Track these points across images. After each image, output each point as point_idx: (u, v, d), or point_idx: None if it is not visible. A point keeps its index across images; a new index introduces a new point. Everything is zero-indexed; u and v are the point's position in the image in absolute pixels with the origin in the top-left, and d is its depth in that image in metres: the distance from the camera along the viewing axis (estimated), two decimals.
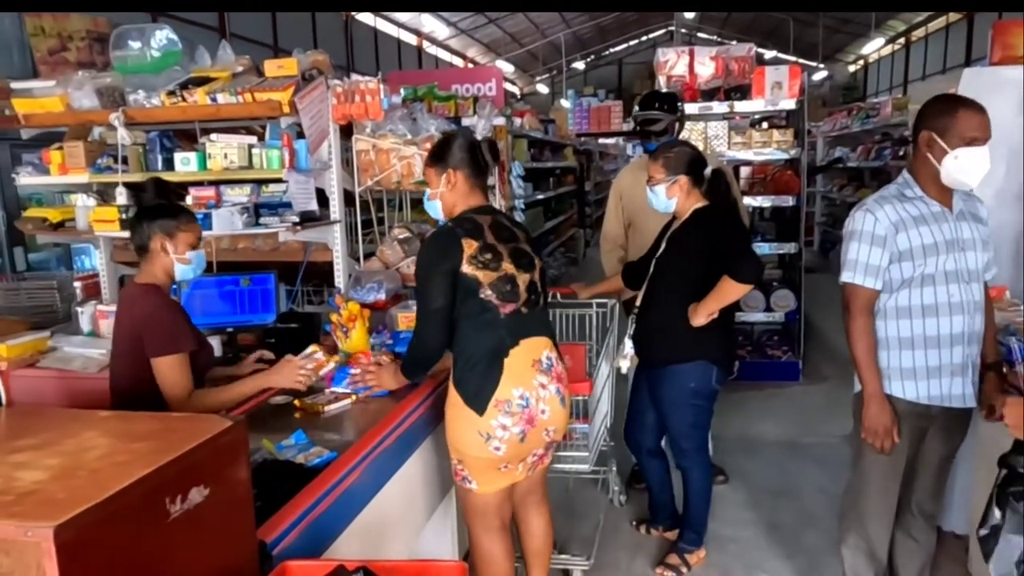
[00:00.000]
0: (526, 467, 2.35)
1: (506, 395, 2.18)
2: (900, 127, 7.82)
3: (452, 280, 2.18)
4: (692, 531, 3.02)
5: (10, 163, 6.07)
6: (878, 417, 2.20)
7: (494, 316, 2.20)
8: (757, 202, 5.20)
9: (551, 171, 9.03)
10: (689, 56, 5.24)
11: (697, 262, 2.72)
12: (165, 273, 2.29)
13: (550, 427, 2.29)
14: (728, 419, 4.44)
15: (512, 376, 2.19)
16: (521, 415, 2.20)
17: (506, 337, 2.21)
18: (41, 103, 3.00)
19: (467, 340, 2.22)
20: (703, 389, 2.82)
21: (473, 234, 2.21)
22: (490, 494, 2.32)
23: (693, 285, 2.73)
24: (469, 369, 2.21)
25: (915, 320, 2.20)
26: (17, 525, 0.99)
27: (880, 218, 2.16)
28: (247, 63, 3.09)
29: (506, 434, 2.20)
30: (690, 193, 2.79)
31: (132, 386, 2.21)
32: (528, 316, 2.26)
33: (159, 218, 2.27)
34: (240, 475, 1.37)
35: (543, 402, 2.24)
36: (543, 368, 2.26)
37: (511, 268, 2.23)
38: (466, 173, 2.30)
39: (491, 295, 2.19)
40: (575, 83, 23.85)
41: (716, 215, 2.77)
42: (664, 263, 2.84)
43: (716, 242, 2.68)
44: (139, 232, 2.26)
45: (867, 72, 24.97)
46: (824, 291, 8.30)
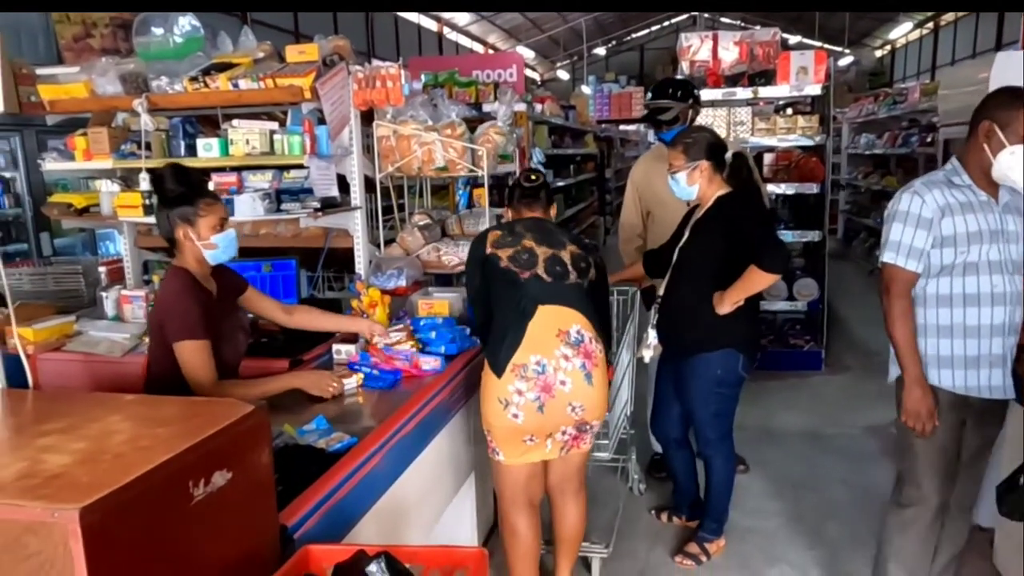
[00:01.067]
0: (556, 445, 2.37)
1: (523, 360, 2.27)
2: (928, 113, 7.67)
3: (481, 265, 2.44)
4: (713, 520, 3.01)
5: (36, 149, 6.15)
6: (922, 400, 2.17)
7: (514, 280, 2.37)
8: (780, 189, 5.13)
9: (571, 158, 8.98)
10: (713, 41, 5.17)
11: (722, 250, 2.69)
12: (195, 260, 2.25)
13: (575, 402, 2.31)
14: (749, 409, 4.40)
15: (531, 342, 2.29)
16: (536, 381, 2.26)
17: (524, 298, 2.33)
18: (66, 89, 3.02)
19: (496, 308, 2.40)
20: (729, 377, 2.80)
21: (500, 228, 2.51)
22: (517, 467, 2.38)
23: (718, 273, 2.70)
24: (496, 335, 2.35)
25: (955, 309, 2.16)
26: (44, 507, 1.00)
27: (928, 201, 2.12)
28: (268, 49, 3.09)
29: (522, 400, 2.26)
30: (712, 179, 2.75)
31: (163, 371, 2.21)
32: (552, 285, 2.37)
33: (177, 206, 2.22)
34: (262, 460, 1.38)
35: (563, 372, 2.28)
36: (570, 341, 2.31)
37: (530, 243, 2.43)
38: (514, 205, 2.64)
39: (510, 264, 2.39)
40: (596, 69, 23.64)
41: (740, 202, 2.73)
42: (688, 252, 2.81)
43: (741, 230, 2.65)
44: (162, 224, 2.24)
45: (894, 57, 24.50)
46: (848, 280, 8.25)
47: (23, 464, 1.13)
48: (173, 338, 2.15)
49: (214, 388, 2.15)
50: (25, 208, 6.35)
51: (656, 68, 23.45)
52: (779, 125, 5.10)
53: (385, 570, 1.18)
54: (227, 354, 2.30)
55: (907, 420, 2.20)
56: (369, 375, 2.46)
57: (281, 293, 3.12)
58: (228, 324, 2.35)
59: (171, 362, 2.17)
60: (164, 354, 2.18)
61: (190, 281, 2.23)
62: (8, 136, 6.18)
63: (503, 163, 3.75)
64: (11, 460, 1.16)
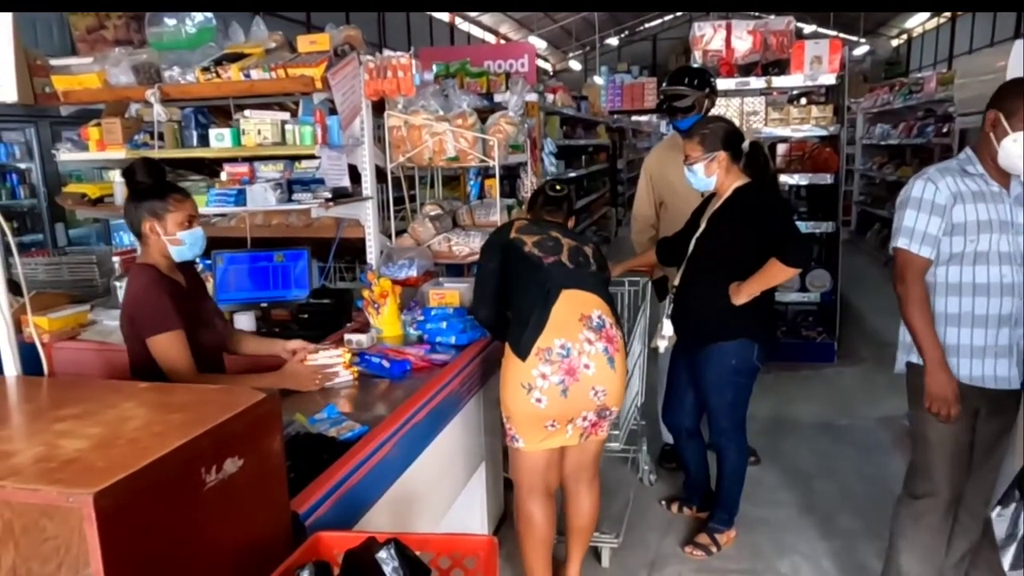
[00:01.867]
0: (577, 431, 2.38)
1: (547, 343, 2.28)
2: (944, 103, 7.60)
3: (503, 251, 2.44)
4: (724, 511, 3.01)
5: (51, 140, 6.20)
6: (947, 384, 2.14)
7: (538, 265, 2.39)
8: (794, 180, 5.10)
9: (583, 149, 8.95)
10: (726, 30, 5.12)
11: (740, 242, 2.68)
12: (162, 255, 2.23)
13: (598, 386, 2.32)
14: (761, 400, 4.38)
15: (555, 326, 2.30)
16: (560, 364, 2.27)
17: (547, 282, 2.35)
18: (79, 80, 3.04)
19: (517, 293, 2.41)
20: (744, 367, 2.80)
21: (526, 219, 2.54)
22: (537, 454, 2.38)
23: (735, 265, 2.69)
24: (518, 319, 2.37)
25: (964, 297, 2.16)
26: (60, 491, 1.01)
27: (941, 188, 2.13)
28: (280, 39, 3.09)
29: (546, 383, 2.27)
30: (729, 169, 2.73)
31: (142, 366, 2.19)
32: (575, 271, 2.40)
33: (146, 200, 2.19)
34: (274, 447, 1.39)
35: (587, 356, 2.30)
36: (592, 325, 2.33)
37: (556, 234, 2.47)
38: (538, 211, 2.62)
39: (534, 250, 2.41)
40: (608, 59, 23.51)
41: (760, 193, 2.72)
42: (706, 242, 2.79)
43: (761, 222, 2.64)
44: (130, 216, 2.21)
45: (910, 46, 24.19)
46: (861, 271, 8.18)
47: (40, 449, 1.14)
48: (146, 333, 2.12)
49: (195, 380, 2.11)
50: (40, 199, 6.41)
51: (669, 58, 23.29)
52: (793, 115, 5.06)
53: (395, 556, 1.19)
54: (207, 340, 2.28)
55: (931, 405, 2.17)
56: (378, 365, 2.47)
57: (293, 283, 3.14)
58: (203, 309, 2.34)
59: (148, 357, 2.15)
60: (141, 349, 2.16)
61: (156, 275, 2.20)
62: (23, 127, 6.24)
63: (514, 153, 3.74)
64: (28, 445, 1.18)
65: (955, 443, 2.24)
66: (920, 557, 2.35)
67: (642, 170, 3.71)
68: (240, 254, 3.13)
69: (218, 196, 2.93)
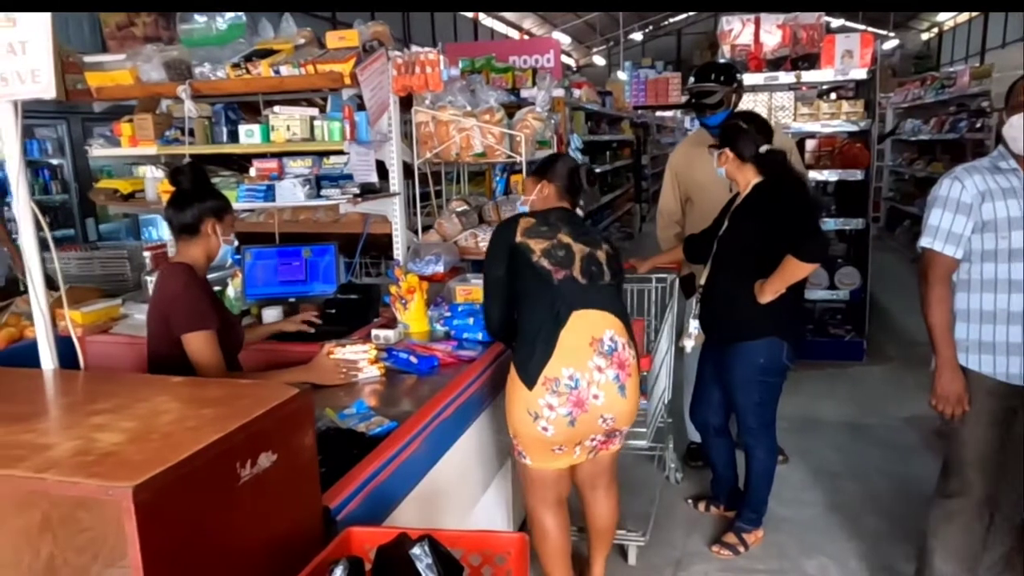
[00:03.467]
0: (585, 450, 2.33)
1: (555, 373, 2.16)
2: (978, 97, 7.45)
3: (509, 253, 2.26)
4: (751, 510, 2.98)
5: (82, 137, 6.29)
6: (950, 384, 2.18)
7: (547, 281, 2.21)
8: (823, 176, 5.03)
9: (608, 144, 8.90)
10: (755, 25, 5.06)
11: (758, 239, 2.66)
12: (206, 255, 2.29)
13: (607, 414, 2.23)
14: (788, 398, 4.29)
15: (564, 353, 2.17)
16: (568, 396, 2.17)
17: (559, 304, 2.19)
18: (112, 76, 3.07)
19: (525, 310, 2.26)
20: (773, 366, 2.76)
21: (535, 216, 2.33)
22: (545, 470, 2.33)
23: (757, 262, 2.66)
24: (525, 339, 2.24)
25: (999, 294, 2.14)
26: (99, 484, 1.02)
27: (967, 186, 2.11)
28: (309, 35, 3.10)
29: (553, 415, 2.17)
30: (741, 167, 2.73)
31: (163, 362, 2.22)
32: (587, 287, 2.23)
33: (208, 199, 2.27)
34: (306, 442, 1.40)
35: (596, 386, 2.18)
36: (603, 350, 2.20)
37: (567, 238, 2.27)
38: (559, 187, 2.44)
39: (544, 261, 2.22)
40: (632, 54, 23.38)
41: (777, 190, 2.68)
42: (727, 241, 2.78)
43: (777, 218, 2.61)
44: (188, 213, 2.25)
45: (941, 40, 23.76)
46: (891, 269, 8.06)
47: (77, 442, 1.16)
48: (181, 330, 2.16)
49: (224, 378, 2.16)
50: (71, 194, 6.51)
51: (694, 53, 23.10)
52: (823, 110, 4.99)
53: (429, 553, 1.19)
54: (230, 341, 2.33)
55: (936, 404, 2.21)
56: (405, 361, 2.47)
57: (320, 279, 3.15)
58: (227, 310, 2.42)
59: (174, 357, 2.18)
60: (168, 349, 2.19)
61: (194, 274, 2.25)
62: (55, 123, 6.33)
63: (541, 149, 3.72)
64: (66, 438, 1.19)
65: (987, 442, 2.21)
66: (953, 557, 2.32)
67: (667, 166, 3.69)
68: (268, 249, 3.14)
69: (248, 192, 2.95)
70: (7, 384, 1.56)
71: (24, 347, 2.78)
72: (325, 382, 2.32)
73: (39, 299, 1.69)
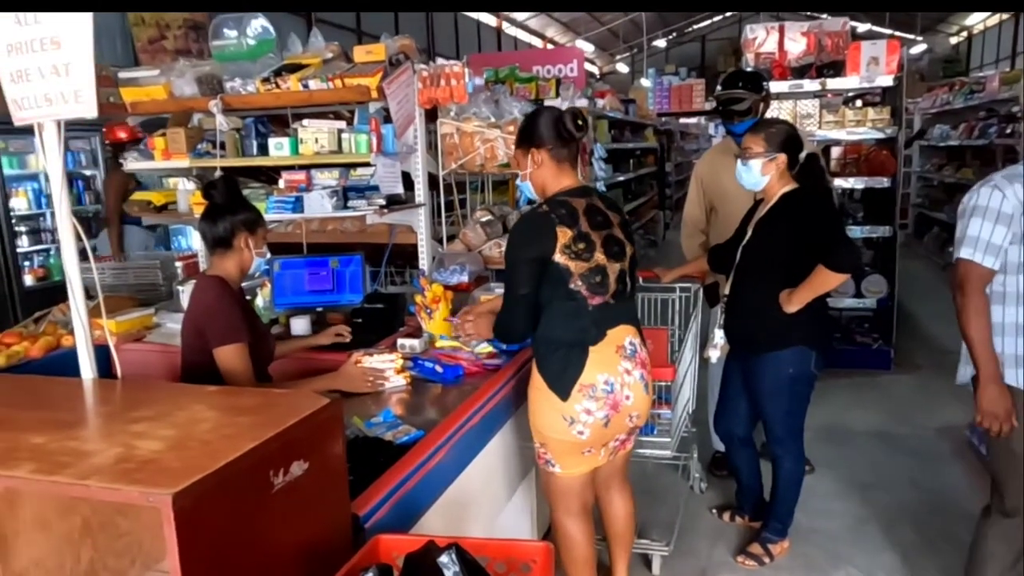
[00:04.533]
0: (608, 452, 2.35)
1: (591, 380, 2.18)
2: (1008, 103, 7.35)
3: (542, 268, 2.16)
4: (778, 521, 2.97)
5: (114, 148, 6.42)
6: (997, 400, 2.10)
7: (582, 306, 2.18)
8: (849, 183, 5.00)
9: (631, 152, 8.92)
10: (779, 32, 5.05)
11: (787, 248, 2.65)
12: (238, 268, 2.34)
13: (634, 412, 2.29)
14: (814, 407, 4.23)
15: (597, 362, 2.19)
16: (606, 400, 2.20)
17: (592, 329, 2.19)
18: (146, 91, 3.15)
19: (552, 326, 2.21)
20: (801, 375, 2.75)
21: (567, 221, 2.15)
22: (573, 477, 2.34)
23: (784, 272, 2.66)
24: (552, 353, 2.21)
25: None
26: (141, 491, 1.06)
27: (1008, 196, 2.05)
28: (336, 49, 3.17)
29: (590, 418, 2.20)
30: (783, 174, 2.70)
31: (196, 373, 2.27)
32: (616, 307, 2.24)
33: (242, 212, 2.33)
34: (336, 450, 1.43)
35: (627, 387, 2.23)
36: (627, 354, 2.25)
37: (603, 258, 2.19)
38: (550, 149, 2.23)
39: (581, 286, 2.16)
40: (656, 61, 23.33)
41: (806, 199, 2.68)
42: (752, 250, 2.77)
43: (807, 228, 2.60)
44: (221, 226, 2.29)
45: (971, 44, 23.41)
46: (919, 276, 7.97)
47: (119, 449, 1.20)
48: (215, 343, 2.20)
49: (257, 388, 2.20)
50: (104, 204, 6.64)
51: (718, 59, 23.01)
52: (848, 118, 4.96)
53: (456, 561, 1.21)
54: (261, 353, 2.38)
55: (982, 421, 2.13)
56: (431, 370, 2.51)
57: (347, 288, 3.20)
58: (259, 323, 2.46)
59: (208, 367, 2.22)
60: (202, 359, 2.24)
61: (228, 287, 2.31)
62: (89, 135, 6.48)
63: None
64: (108, 445, 1.23)
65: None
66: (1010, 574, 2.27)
67: (693, 174, 3.69)
68: (296, 259, 3.20)
69: (277, 203, 3.01)
70: (50, 393, 1.61)
71: (61, 355, 2.86)
72: (353, 390, 2.36)
73: (79, 310, 1.75)
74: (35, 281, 6.09)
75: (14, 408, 1.47)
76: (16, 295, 5.73)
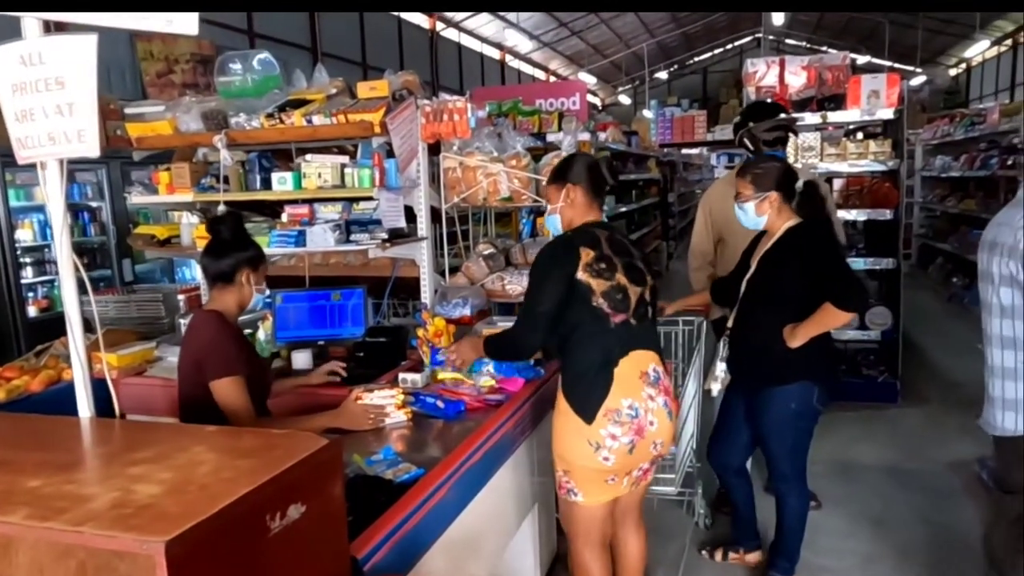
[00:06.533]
0: (631, 481, 2.35)
1: (616, 404, 2.21)
2: (1009, 134, 7.38)
3: (566, 286, 2.22)
4: (785, 559, 2.91)
5: (120, 180, 6.48)
6: None
7: (604, 325, 2.24)
8: (852, 215, 4.99)
9: (634, 183, 8.95)
10: (780, 66, 5.09)
11: (792, 284, 2.63)
12: (238, 303, 2.35)
13: (658, 440, 2.30)
14: (821, 441, 4.20)
15: (621, 386, 2.22)
16: (631, 425, 2.22)
17: (615, 347, 2.24)
18: (152, 127, 3.18)
19: (577, 348, 2.26)
20: (805, 411, 2.72)
21: (590, 244, 2.25)
22: (595, 507, 2.34)
23: (789, 306, 2.65)
24: (578, 376, 2.26)
25: None
26: (135, 538, 1.04)
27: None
28: (341, 85, 3.20)
29: (615, 444, 2.22)
30: (781, 209, 2.70)
31: (194, 408, 2.26)
32: (637, 328, 2.29)
33: (246, 250, 2.34)
34: (335, 492, 1.41)
35: (652, 413, 2.26)
36: (650, 381, 2.28)
37: (624, 280, 2.27)
38: (584, 189, 2.38)
39: (603, 303, 2.23)
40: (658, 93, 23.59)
41: (811, 234, 2.66)
42: (757, 284, 2.75)
43: (813, 264, 2.59)
44: (224, 262, 2.31)
45: (970, 76, 23.64)
46: (924, 307, 7.93)
47: (116, 494, 1.18)
48: (212, 376, 2.20)
49: (254, 423, 2.18)
50: (109, 236, 6.68)
51: (720, 91, 23.23)
52: (849, 150, 4.97)
53: None
54: (260, 387, 2.37)
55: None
56: (432, 405, 2.49)
57: (349, 321, 3.20)
58: (256, 357, 2.46)
59: (206, 401, 2.21)
60: (199, 393, 2.23)
61: (226, 321, 2.31)
62: (95, 168, 6.53)
63: None
64: (105, 489, 1.21)
65: None
66: None
67: (700, 205, 3.68)
68: (299, 293, 3.20)
69: (280, 237, 3.02)
70: (49, 433, 1.59)
71: (62, 389, 2.84)
72: (354, 427, 2.33)
73: (78, 346, 1.74)
74: (38, 312, 6.09)
75: (12, 449, 1.46)
76: (20, 326, 5.74)
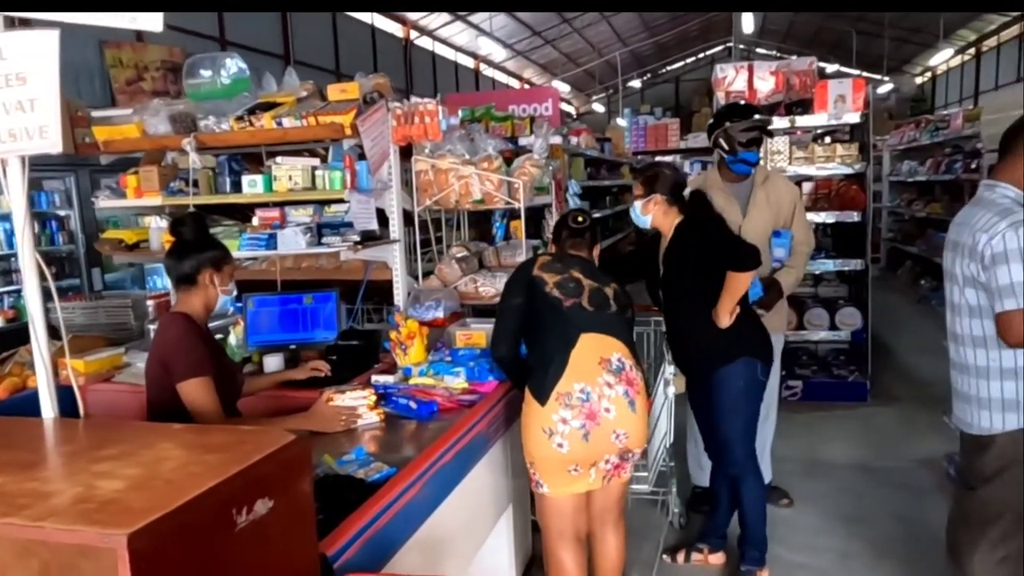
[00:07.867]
0: (600, 474, 2.37)
1: (567, 388, 2.28)
2: (971, 139, 7.55)
3: (525, 286, 2.46)
4: (755, 549, 2.95)
5: (90, 189, 6.39)
6: None
7: (558, 308, 2.40)
8: (820, 218, 5.07)
9: (607, 189, 9.02)
10: (748, 71, 5.17)
11: (695, 272, 2.80)
12: (204, 306, 2.32)
13: (619, 429, 2.32)
14: (792, 440, 4.30)
15: (575, 370, 2.31)
16: (581, 408, 2.27)
17: (569, 330, 2.36)
18: (119, 130, 3.14)
19: (538, 336, 2.42)
20: (753, 385, 2.85)
21: (549, 255, 2.59)
22: (562, 499, 2.37)
23: (701, 291, 2.80)
24: (539, 363, 2.38)
25: None
26: (97, 532, 1.02)
27: None
28: (311, 88, 3.19)
29: (567, 428, 2.26)
30: (667, 211, 2.88)
31: (162, 410, 2.23)
32: (594, 314, 2.40)
33: (207, 250, 2.32)
34: (304, 488, 1.40)
35: (607, 400, 2.29)
36: (612, 368, 2.33)
37: (578, 274, 2.47)
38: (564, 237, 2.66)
39: (556, 291, 2.42)
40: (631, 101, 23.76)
41: (694, 225, 2.84)
42: (670, 282, 2.94)
43: (703, 248, 2.77)
44: (186, 264, 2.28)
45: (935, 84, 24.17)
46: (894, 309, 8.06)
47: (79, 489, 1.16)
48: (179, 378, 2.17)
49: (223, 424, 2.15)
50: (78, 245, 6.58)
51: (692, 99, 23.45)
52: (817, 154, 5.06)
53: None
54: (229, 389, 2.36)
55: None
56: (405, 406, 2.48)
57: (322, 325, 3.17)
58: (226, 359, 2.45)
59: (173, 404, 2.19)
60: (166, 396, 2.21)
61: (192, 323, 2.28)
62: (63, 176, 6.43)
63: (539, 195, 3.78)
64: (68, 485, 1.20)
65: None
66: None
67: None
68: (270, 297, 3.17)
69: (250, 240, 2.99)
70: (10, 433, 1.56)
71: (26, 397, 2.79)
72: (326, 429, 2.32)
73: (41, 348, 1.71)
74: (5, 323, 5.99)
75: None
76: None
